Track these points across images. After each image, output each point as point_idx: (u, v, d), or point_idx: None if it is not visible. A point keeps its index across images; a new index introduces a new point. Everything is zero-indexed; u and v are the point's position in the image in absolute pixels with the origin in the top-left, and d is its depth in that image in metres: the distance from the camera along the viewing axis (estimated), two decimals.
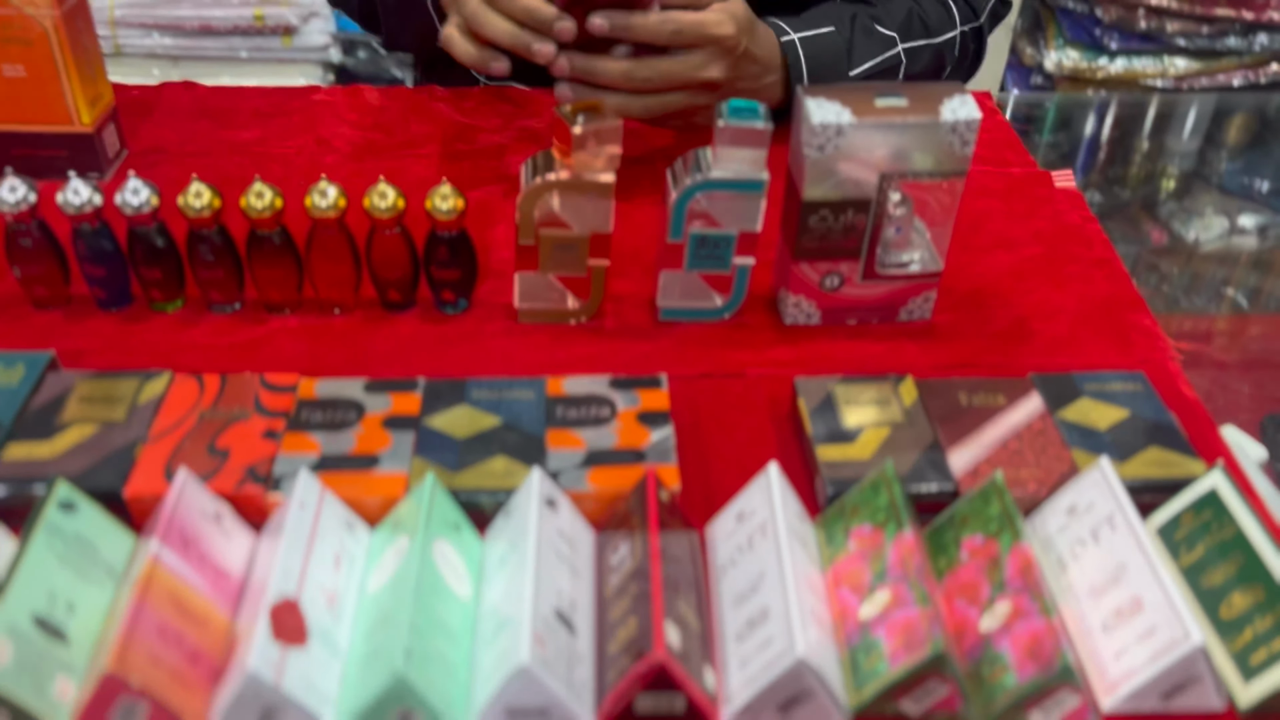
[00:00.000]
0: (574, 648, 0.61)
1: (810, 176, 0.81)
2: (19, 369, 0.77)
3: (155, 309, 0.89)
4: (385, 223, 0.84)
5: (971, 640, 0.63)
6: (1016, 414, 0.77)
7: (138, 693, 0.56)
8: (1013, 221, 1.06)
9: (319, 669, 0.59)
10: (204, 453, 0.72)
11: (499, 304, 0.91)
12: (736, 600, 0.64)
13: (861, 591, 0.64)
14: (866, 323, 0.90)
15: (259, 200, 0.82)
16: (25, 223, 0.84)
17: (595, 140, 0.79)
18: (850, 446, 0.74)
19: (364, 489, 0.70)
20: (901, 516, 0.64)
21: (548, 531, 0.65)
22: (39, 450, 0.71)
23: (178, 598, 0.61)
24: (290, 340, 0.86)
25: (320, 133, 1.15)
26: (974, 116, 0.79)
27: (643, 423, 0.76)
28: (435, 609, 0.61)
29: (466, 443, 0.73)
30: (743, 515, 0.68)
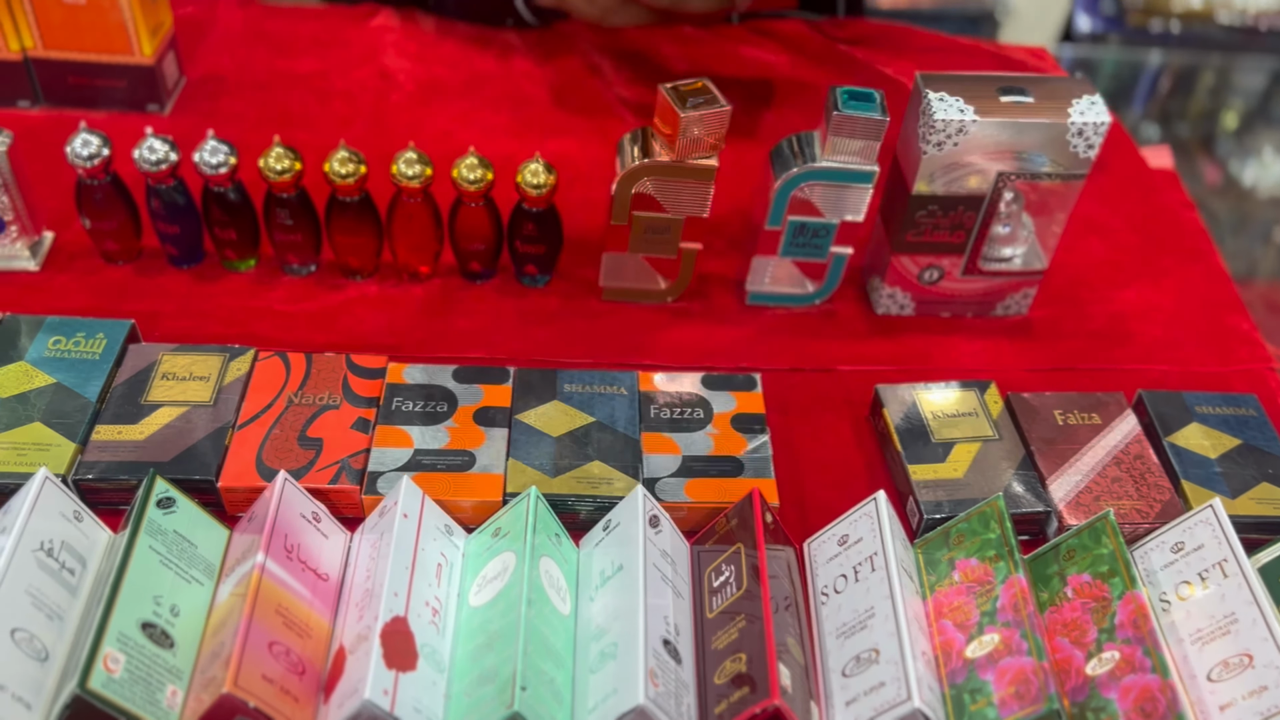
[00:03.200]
0: (680, 676, 0.60)
1: (923, 171, 0.77)
2: (100, 339, 0.75)
3: (228, 268, 0.86)
4: (472, 196, 0.81)
5: (1075, 681, 0.62)
6: (1113, 436, 0.75)
7: (253, 712, 0.56)
8: (1103, 202, 1.02)
9: (426, 689, 0.59)
10: (295, 443, 0.70)
11: (580, 278, 0.89)
12: (841, 632, 0.63)
13: (967, 629, 0.63)
14: (960, 316, 0.88)
15: (344, 166, 0.79)
16: (98, 177, 0.80)
17: (701, 125, 0.75)
18: (942, 465, 0.72)
19: (461, 491, 0.68)
20: (1015, 557, 0.63)
21: (653, 554, 0.64)
22: (128, 433, 0.70)
23: (283, 608, 0.60)
24: (370, 310, 0.84)
25: (382, 64, 1.10)
26: (1103, 120, 0.75)
27: (739, 428, 0.74)
28: (542, 632, 0.60)
29: (560, 441, 0.72)
30: (846, 540, 0.67)
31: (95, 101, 0.99)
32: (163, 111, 1.01)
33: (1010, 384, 0.81)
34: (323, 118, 1.03)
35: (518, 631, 0.58)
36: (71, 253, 0.86)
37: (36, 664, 0.58)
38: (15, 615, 0.58)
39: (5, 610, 0.58)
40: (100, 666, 0.56)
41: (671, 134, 0.76)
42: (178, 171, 0.81)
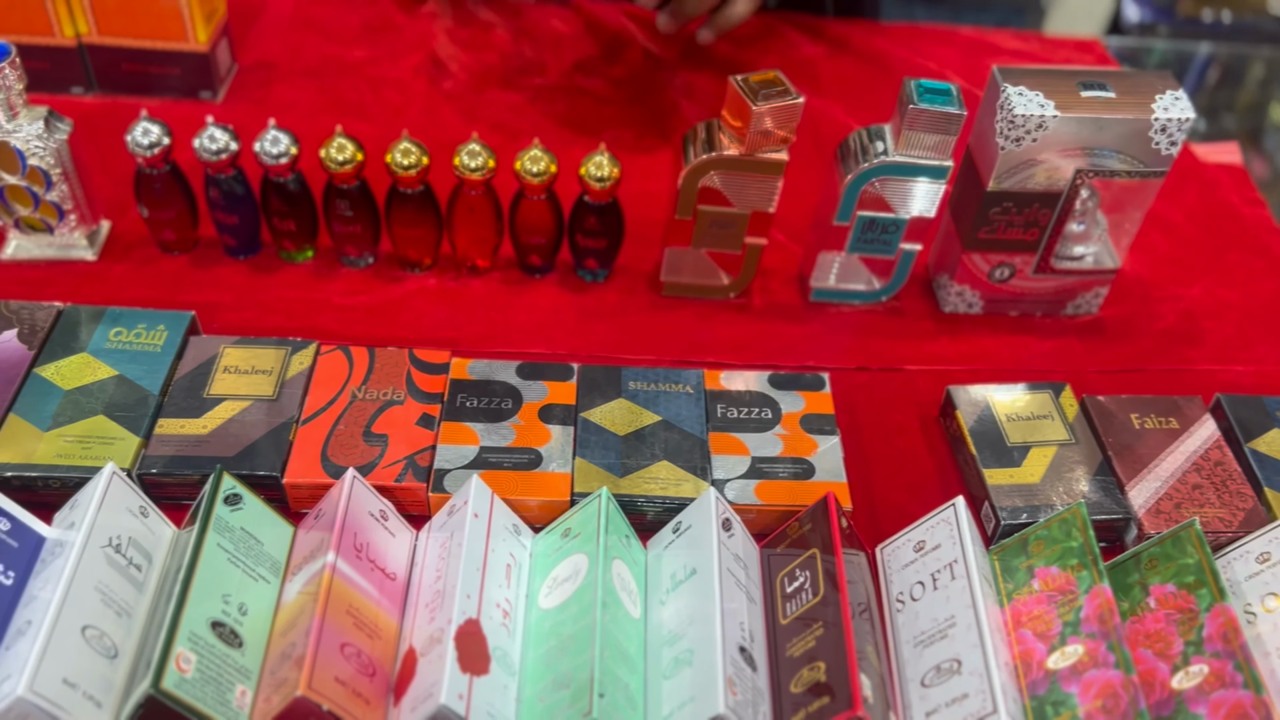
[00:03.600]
0: (756, 684, 0.59)
1: (1000, 168, 0.75)
2: (160, 330, 0.75)
3: (285, 259, 0.85)
4: (535, 188, 0.79)
5: (1160, 695, 0.61)
6: (1192, 441, 0.73)
7: (326, 715, 0.55)
8: (1162, 199, 0.99)
9: (499, 693, 0.58)
10: (360, 439, 0.69)
11: (639, 272, 0.87)
12: (920, 640, 0.62)
13: (1049, 639, 0.62)
14: (1029, 315, 0.86)
15: (406, 157, 0.78)
16: (158, 166, 0.79)
17: (773, 118, 0.73)
18: (1018, 470, 0.71)
19: (528, 490, 0.67)
20: (1099, 566, 0.62)
21: (726, 558, 0.62)
22: (191, 427, 0.69)
23: (354, 608, 0.59)
24: (429, 303, 0.83)
25: (433, 52, 1.09)
26: (1187, 115, 0.73)
27: (807, 428, 0.72)
28: (616, 636, 0.59)
29: (627, 440, 0.71)
30: (923, 547, 0.65)
31: (149, 89, 0.98)
32: (215, 99, 1.00)
33: (1081, 385, 0.80)
34: (376, 106, 1.02)
35: (593, 636, 0.57)
36: (128, 242, 0.86)
37: (106, 661, 0.57)
38: (85, 612, 0.58)
39: (75, 607, 0.57)
40: (173, 666, 0.55)
41: (741, 127, 0.74)
42: (237, 161, 0.80)
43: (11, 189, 0.79)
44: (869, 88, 1.10)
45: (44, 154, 0.77)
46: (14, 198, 0.79)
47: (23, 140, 0.76)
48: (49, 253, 0.83)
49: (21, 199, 0.79)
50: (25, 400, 0.69)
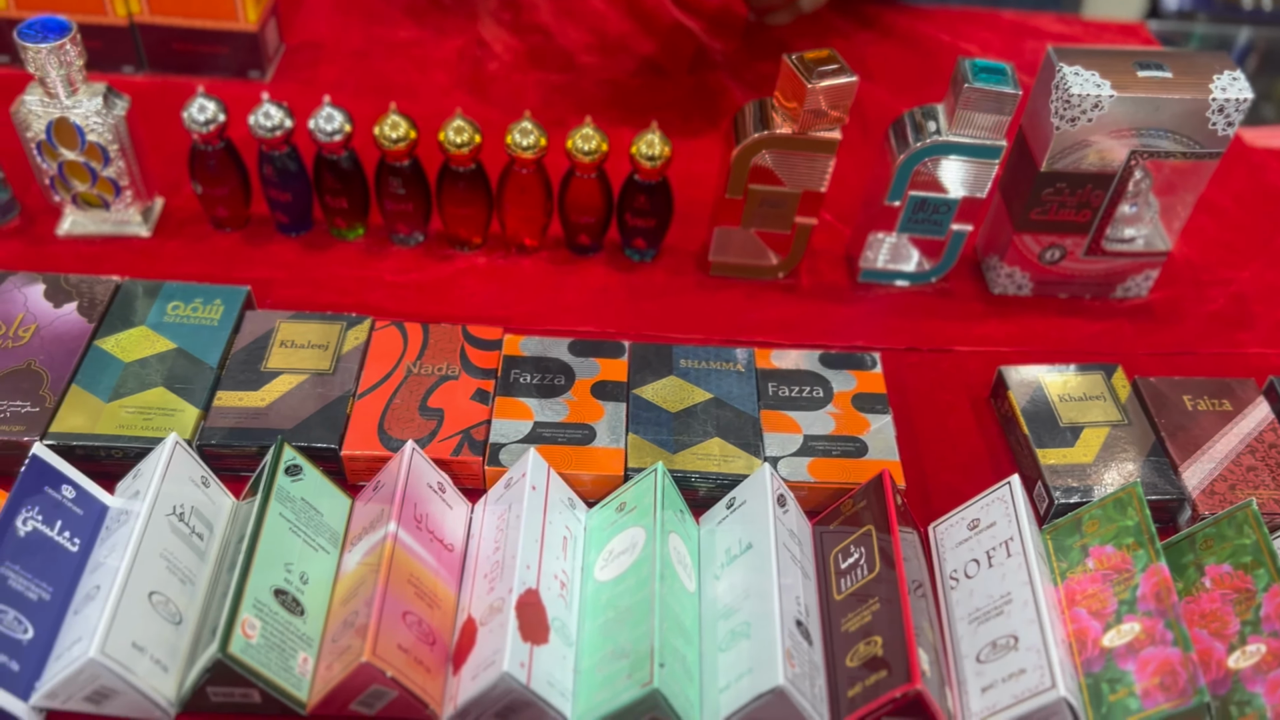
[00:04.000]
0: (812, 658, 0.60)
1: (1053, 148, 0.75)
2: (217, 305, 0.75)
3: (336, 236, 0.86)
4: (586, 167, 0.80)
5: (1216, 674, 0.61)
6: (1246, 423, 0.73)
7: (389, 681, 0.56)
8: (1210, 181, 0.98)
9: (558, 662, 0.58)
10: (417, 413, 0.70)
11: (686, 252, 0.87)
12: (975, 617, 0.62)
13: (1104, 617, 0.62)
14: (1079, 298, 0.85)
15: (459, 135, 0.78)
16: (212, 143, 0.80)
17: (828, 97, 0.73)
18: (1071, 450, 0.71)
19: (582, 464, 0.68)
20: (1156, 546, 0.62)
21: (782, 533, 0.63)
22: (249, 400, 0.70)
23: (415, 578, 0.60)
24: (479, 282, 0.83)
25: (478, 32, 1.09)
26: (1245, 96, 0.72)
27: (859, 407, 0.73)
28: (673, 608, 0.59)
29: (679, 417, 0.71)
30: (977, 525, 0.66)
31: (198, 68, 0.99)
32: (264, 78, 1.01)
33: (1131, 368, 0.79)
34: (423, 87, 1.02)
35: (652, 607, 0.58)
36: (180, 219, 0.87)
37: (171, 627, 0.58)
38: (152, 579, 0.59)
39: (142, 573, 0.58)
40: (239, 632, 0.56)
41: (795, 106, 0.74)
42: (291, 138, 0.80)
43: (70, 165, 0.80)
44: (911, 70, 1.09)
45: (102, 130, 0.78)
46: (72, 173, 0.80)
47: (82, 116, 0.77)
48: (104, 228, 0.84)
49: (79, 175, 0.80)
50: (87, 372, 0.70)
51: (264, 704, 0.57)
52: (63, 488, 0.63)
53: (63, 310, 0.74)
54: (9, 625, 0.56)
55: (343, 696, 0.57)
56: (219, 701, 0.57)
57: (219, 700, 0.57)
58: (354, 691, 0.56)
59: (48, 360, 0.70)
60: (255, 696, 0.57)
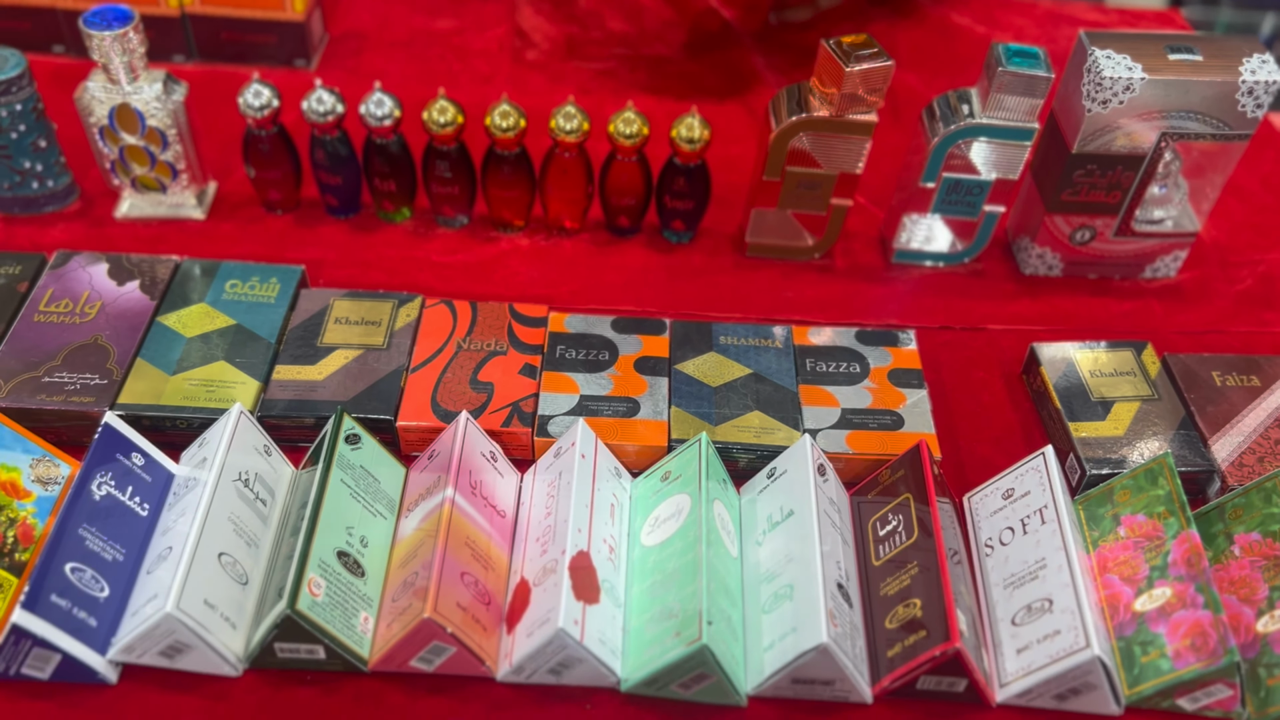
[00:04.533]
0: (853, 620, 0.62)
1: (1085, 130, 0.77)
2: (273, 283, 0.78)
3: (384, 219, 0.89)
4: (627, 150, 0.82)
5: (1246, 638, 0.63)
6: (1274, 399, 0.75)
7: (449, 637, 0.58)
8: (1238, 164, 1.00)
9: (608, 622, 0.61)
10: (468, 386, 0.72)
11: (723, 234, 0.90)
12: (1010, 582, 0.64)
13: (1136, 583, 0.64)
14: (1108, 278, 0.87)
15: (505, 120, 0.81)
16: (266, 128, 0.83)
17: (865, 81, 0.75)
18: (1102, 424, 0.73)
19: (627, 436, 0.70)
20: (1187, 514, 0.64)
21: (823, 501, 0.65)
22: (307, 374, 0.73)
23: (471, 540, 0.63)
24: (523, 263, 0.86)
25: (517, 23, 1.12)
26: (1275, 78, 0.74)
27: (895, 382, 0.75)
28: (719, 571, 0.62)
29: (719, 391, 0.73)
30: (1012, 494, 0.68)
31: (246, 57, 1.02)
32: (309, 67, 1.03)
33: (1160, 346, 0.81)
34: (464, 75, 1.05)
35: (700, 569, 0.60)
36: (234, 203, 0.89)
37: (239, 587, 0.61)
38: (221, 540, 0.61)
39: (212, 535, 0.61)
40: (306, 590, 0.58)
41: (833, 89, 0.76)
42: (342, 123, 0.83)
43: (130, 149, 0.83)
44: (944, 58, 1.11)
45: (161, 115, 0.81)
46: (132, 157, 0.83)
47: (143, 101, 0.80)
48: (161, 211, 0.87)
49: (139, 158, 0.83)
50: (151, 346, 0.73)
51: (329, 660, 0.60)
52: (132, 455, 0.66)
53: (125, 288, 0.77)
54: (86, 584, 0.59)
55: (404, 653, 0.59)
56: (285, 658, 0.60)
57: (285, 656, 0.60)
58: (415, 648, 0.59)
59: (113, 335, 0.73)
60: (320, 653, 0.60)
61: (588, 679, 0.60)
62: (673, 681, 0.59)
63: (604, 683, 0.60)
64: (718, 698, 0.60)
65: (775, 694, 0.60)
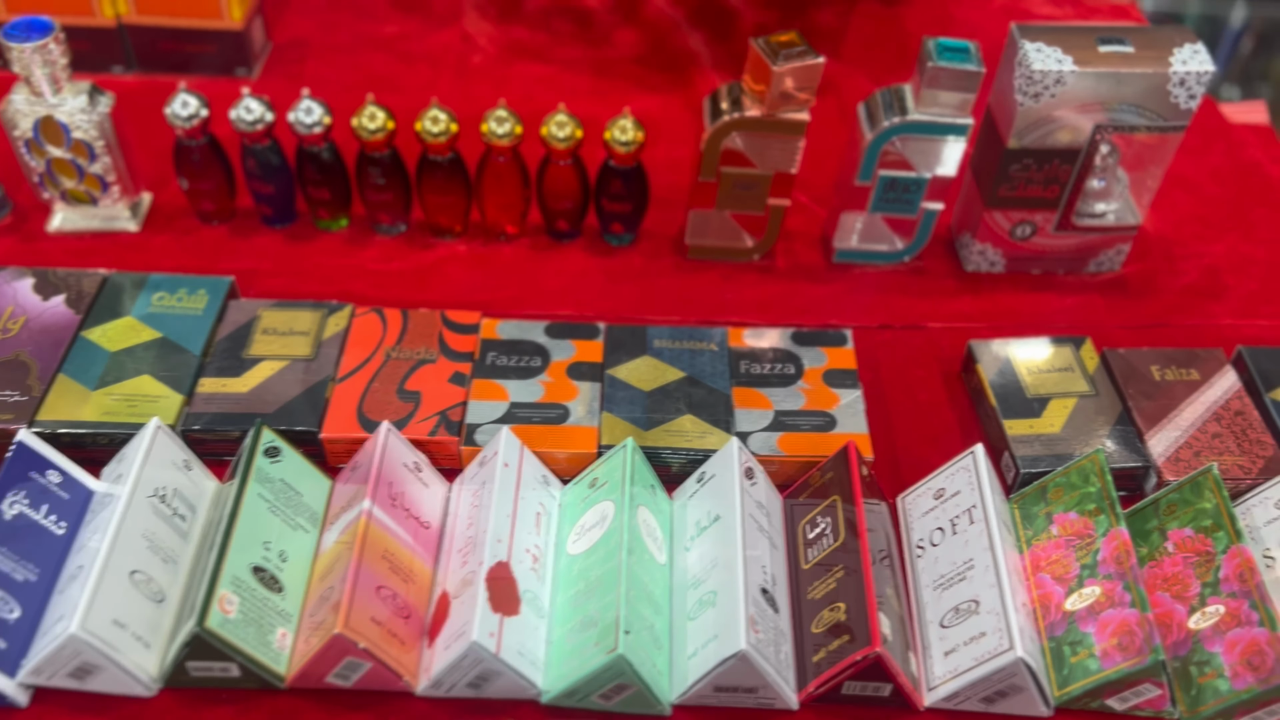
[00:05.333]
0: (778, 625, 0.61)
1: (1019, 124, 0.76)
2: (201, 295, 0.77)
3: (320, 227, 0.88)
4: (561, 153, 0.81)
5: (1177, 636, 0.62)
6: (1213, 392, 0.74)
7: (362, 652, 0.57)
8: (1186, 156, 0.99)
9: (529, 634, 0.60)
10: (395, 396, 0.71)
11: (665, 236, 0.89)
12: (939, 584, 0.63)
13: (1067, 581, 0.63)
14: (1052, 273, 0.86)
15: (436, 125, 0.80)
16: (196, 138, 0.82)
17: (794, 79, 0.74)
18: (1038, 420, 0.72)
19: (556, 443, 0.69)
20: (1117, 511, 0.63)
21: (749, 505, 0.64)
22: (232, 386, 0.72)
23: (389, 553, 0.62)
24: (460, 269, 0.85)
25: (463, 27, 1.11)
26: (1206, 69, 0.73)
27: (830, 383, 0.74)
28: (642, 579, 0.61)
29: (652, 395, 0.72)
30: (943, 494, 0.67)
31: (186, 67, 1.01)
32: (251, 76, 1.02)
33: (1104, 341, 0.80)
34: (408, 80, 1.04)
35: (619, 578, 0.59)
36: (168, 214, 0.88)
37: (153, 605, 0.60)
38: (133, 558, 0.60)
39: (124, 553, 0.60)
40: (217, 607, 0.57)
41: (763, 88, 0.75)
42: (272, 132, 0.82)
43: (57, 162, 0.82)
44: (897, 53, 1.10)
45: (88, 127, 0.80)
46: (60, 170, 0.82)
47: (67, 114, 0.79)
48: (93, 224, 0.86)
49: (67, 171, 0.82)
50: (73, 362, 0.72)
51: (243, 677, 0.59)
52: (48, 473, 0.64)
53: (51, 303, 0.76)
54: None
55: (319, 669, 0.58)
56: (199, 676, 0.59)
57: (199, 675, 0.59)
58: (329, 664, 0.58)
59: (36, 351, 0.72)
60: (234, 670, 0.59)
61: (508, 691, 0.59)
62: (593, 692, 0.58)
63: (525, 695, 0.59)
64: (640, 708, 0.59)
65: (699, 702, 0.60)
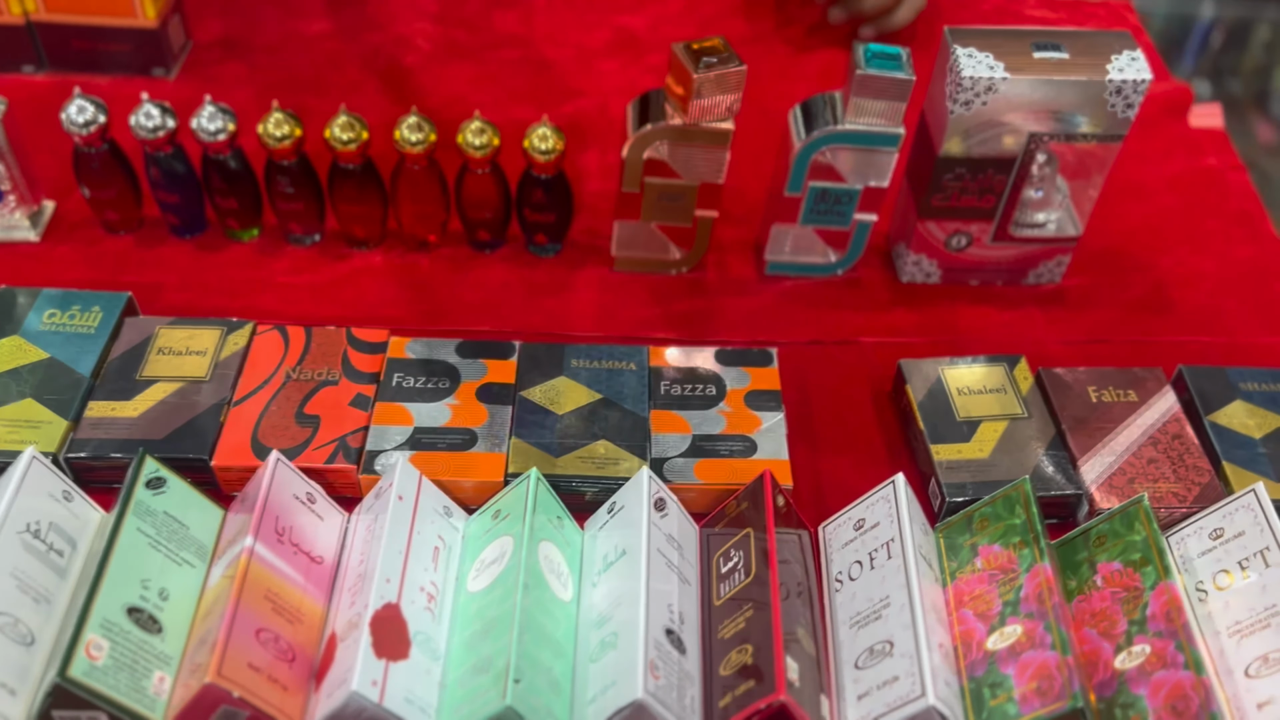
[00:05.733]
0: (684, 667, 0.58)
1: (950, 132, 0.73)
2: (96, 312, 0.73)
3: (231, 237, 0.84)
4: (478, 162, 0.77)
5: (1103, 675, 0.59)
6: (1150, 414, 0.71)
7: (238, 701, 0.54)
8: (1144, 164, 0.96)
9: (420, 678, 0.57)
10: (293, 420, 0.68)
11: (593, 247, 0.85)
12: (855, 621, 0.60)
13: (989, 619, 0.60)
14: (990, 284, 0.83)
15: (345, 132, 0.76)
16: (95, 145, 0.78)
17: (717, 86, 0.71)
18: (966, 445, 0.69)
19: (462, 471, 0.66)
20: (1041, 544, 0.60)
21: (657, 539, 0.61)
22: (121, 410, 0.68)
23: (273, 593, 0.58)
24: (374, 281, 0.81)
25: (399, 29, 1.07)
26: (1143, 77, 0.70)
27: (752, 405, 0.71)
28: (539, 620, 0.58)
29: (565, 419, 0.69)
30: (863, 525, 0.64)
31: (100, 66, 0.97)
32: (169, 76, 0.98)
33: (1042, 357, 0.77)
34: (334, 82, 1.00)
35: (512, 621, 0.56)
36: (73, 222, 0.84)
37: (22, 649, 0.57)
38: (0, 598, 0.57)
39: None
40: (82, 654, 0.54)
41: (684, 95, 0.72)
42: (176, 138, 0.78)
43: None
44: None
45: None
46: None
47: None
48: None
49: None
50: None
51: None
52: None
53: None
54: None
55: (193, 717, 0.55)
56: None
57: None
58: (204, 712, 0.55)
59: None
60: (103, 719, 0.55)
61: None
62: None
63: None
64: None
65: None
